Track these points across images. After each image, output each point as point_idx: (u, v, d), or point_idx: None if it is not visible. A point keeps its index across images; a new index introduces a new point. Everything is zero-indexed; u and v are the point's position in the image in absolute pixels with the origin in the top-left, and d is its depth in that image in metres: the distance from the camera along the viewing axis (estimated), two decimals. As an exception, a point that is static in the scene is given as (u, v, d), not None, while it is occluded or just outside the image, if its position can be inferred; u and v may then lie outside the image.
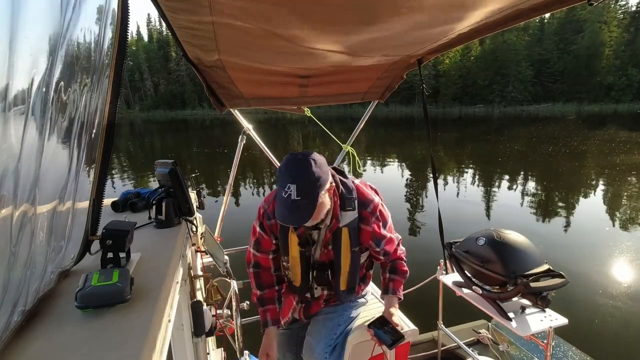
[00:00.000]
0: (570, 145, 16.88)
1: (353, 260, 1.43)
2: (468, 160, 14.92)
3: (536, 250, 1.64)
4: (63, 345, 0.64)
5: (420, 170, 12.49)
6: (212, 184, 11.26)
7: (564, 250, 5.75)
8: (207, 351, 1.80)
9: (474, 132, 25.86)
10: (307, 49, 1.28)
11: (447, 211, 7.54)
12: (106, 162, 0.89)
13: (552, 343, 1.60)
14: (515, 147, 17.39)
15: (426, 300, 2.69)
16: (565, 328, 1.58)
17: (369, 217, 1.40)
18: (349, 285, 1.48)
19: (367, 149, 17.75)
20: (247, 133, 2.54)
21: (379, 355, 1.71)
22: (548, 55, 52.77)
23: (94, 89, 0.83)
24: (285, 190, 1.14)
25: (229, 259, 2.12)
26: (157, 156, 18.20)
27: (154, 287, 0.85)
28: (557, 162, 13.03)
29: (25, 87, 0.59)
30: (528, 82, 51.73)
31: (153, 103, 68.24)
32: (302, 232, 1.41)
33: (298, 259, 1.43)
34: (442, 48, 1.54)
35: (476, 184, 10.67)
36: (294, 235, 1.40)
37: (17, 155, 0.58)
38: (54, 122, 0.69)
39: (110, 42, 0.84)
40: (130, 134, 33.35)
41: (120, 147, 23.31)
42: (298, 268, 1.45)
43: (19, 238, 0.60)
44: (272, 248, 1.50)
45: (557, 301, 1.59)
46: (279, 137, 22.50)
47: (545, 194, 9.29)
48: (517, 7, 1.05)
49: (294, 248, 1.42)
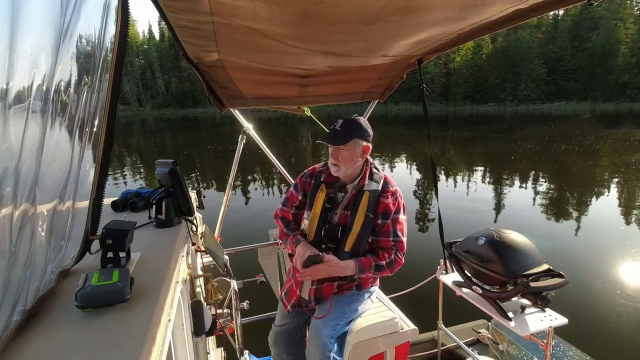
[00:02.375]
0: (583, 144, 16.61)
1: (365, 224, 1.55)
2: (479, 159, 14.77)
3: (536, 250, 1.64)
4: (63, 345, 0.64)
5: (429, 170, 12.41)
6: (223, 181, 11.19)
7: (577, 249, 5.69)
8: (207, 351, 1.80)
9: (485, 130, 25.52)
10: (307, 49, 1.28)
11: (458, 210, 7.53)
12: (106, 161, 0.89)
13: (551, 343, 1.60)
14: (527, 145, 17.11)
15: (426, 300, 2.69)
16: (565, 328, 1.58)
17: (389, 194, 1.59)
18: (354, 248, 1.57)
19: (377, 148, 17.58)
20: (247, 133, 2.54)
21: (379, 354, 1.71)
22: (562, 53, 51.32)
23: (94, 88, 0.83)
24: (335, 123, 1.53)
25: (229, 258, 2.12)
26: (170, 153, 18.31)
27: (154, 287, 0.85)
28: (571, 161, 12.84)
29: (26, 86, 0.59)
30: (541, 80, 50.53)
31: (164, 101, 68.57)
32: (331, 191, 1.62)
33: (318, 215, 1.60)
34: (442, 48, 1.54)
35: (487, 182, 10.56)
36: (323, 194, 1.62)
37: (17, 155, 0.58)
38: (54, 122, 0.69)
39: (110, 41, 0.84)
40: (142, 132, 33.49)
41: (132, 144, 23.37)
42: (315, 223, 1.61)
43: (19, 237, 0.60)
44: (296, 204, 1.73)
45: (558, 302, 1.59)
46: (288, 135, 22.35)
47: (557, 192, 9.15)
48: (517, 7, 1.05)
49: (318, 204, 1.61)
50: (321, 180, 1.65)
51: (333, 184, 1.64)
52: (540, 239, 5.75)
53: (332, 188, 1.63)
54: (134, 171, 13.15)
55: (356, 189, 1.59)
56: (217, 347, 2.21)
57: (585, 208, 7.95)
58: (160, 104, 67.99)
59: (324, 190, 1.62)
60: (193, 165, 14.29)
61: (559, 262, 5.07)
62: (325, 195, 1.61)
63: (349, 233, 1.56)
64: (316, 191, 1.64)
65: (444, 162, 13.92)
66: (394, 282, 1.57)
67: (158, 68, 68.84)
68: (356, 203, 1.57)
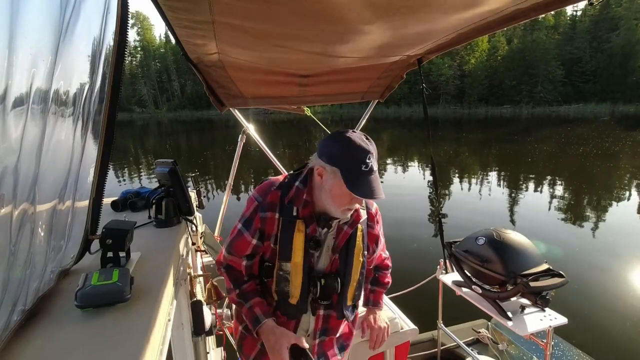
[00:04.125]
0: (602, 146, 16.27)
1: (362, 267, 1.23)
2: (494, 161, 14.63)
3: (536, 249, 1.64)
4: (63, 345, 0.64)
5: (443, 172, 12.15)
6: (236, 182, 11.18)
7: (595, 252, 5.64)
8: (207, 350, 1.80)
9: (500, 132, 25.28)
10: (307, 48, 1.28)
11: (470, 214, 7.48)
12: (106, 161, 0.89)
13: (551, 342, 1.60)
14: (544, 148, 16.85)
15: (426, 299, 2.69)
16: (565, 327, 1.58)
17: (374, 219, 1.29)
18: (355, 299, 1.27)
19: (390, 151, 17.43)
20: (247, 133, 2.55)
21: (378, 354, 1.71)
22: (580, 54, 50.36)
23: (94, 87, 0.83)
24: (366, 161, 1.02)
25: (229, 258, 2.11)
26: (185, 154, 18.62)
27: (154, 287, 0.85)
28: (590, 163, 12.67)
29: (25, 85, 0.58)
30: (558, 82, 49.69)
31: (180, 103, 70.28)
32: (312, 229, 1.15)
33: (301, 266, 1.14)
34: (442, 47, 1.54)
35: (501, 185, 10.44)
36: (301, 235, 1.13)
37: (17, 154, 0.57)
38: (54, 121, 0.69)
39: (110, 41, 0.84)
40: (157, 133, 34.33)
41: (148, 145, 23.82)
42: (299, 278, 1.14)
43: (18, 237, 0.60)
44: (247, 252, 1.20)
45: (558, 302, 1.59)
46: (301, 137, 22.27)
47: (575, 195, 9.03)
48: (517, 7, 1.05)
49: (298, 250, 1.13)
50: (294, 215, 1.14)
51: (313, 218, 1.15)
52: (550, 242, 5.72)
53: (313, 223, 1.15)
54: (149, 172, 13.26)
55: (350, 226, 1.19)
56: (217, 347, 2.21)
57: (603, 210, 7.86)
58: (176, 106, 69.93)
59: (301, 229, 1.13)
60: (212, 167, 14.54)
61: (563, 262, 5.07)
62: (304, 236, 1.14)
63: (348, 283, 1.20)
64: (291, 232, 1.14)
65: (458, 164, 13.85)
66: (393, 282, 1.56)
67: (174, 71, 70.42)
68: (350, 244, 1.19)
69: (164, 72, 71.14)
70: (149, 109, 68.09)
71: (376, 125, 32.57)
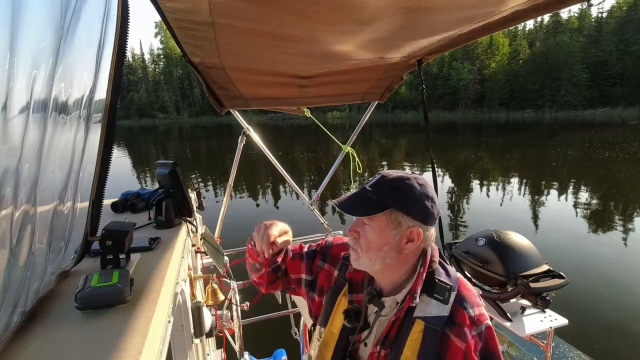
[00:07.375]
0: (628, 150, 15.98)
1: None
2: (515, 165, 14.48)
3: (536, 250, 1.64)
4: (63, 346, 0.64)
5: (462, 177, 12.11)
6: (252, 186, 11.24)
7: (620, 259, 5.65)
8: (207, 352, 1.80)
9: (522, 137, 24.86)
10: (307, 49, 1.28)
11: (493, 218, 7.50)
12: (106, 162, 0.89)
13: (552, 343, 1.60)
14: (567, 152, 16.61)
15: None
16: (565, 328, 1.58)
17: (468, 327, 0.82)
18: None
19: (409, 156, 17.29)
20: (247, 134, 2.55)
21: None
22: (606, 57, 48.56)
23: (94, 90, 0.83)
24: (370, 179, 0.89)
25: (229, 259, 2.12)
26: (211, 157, 18.92)
27: (154, 288, 0.85)
28: (618, 168, 12.51)
29: (27, 88, 0.59)
30: (582, 85, 48.04)
31: (201, 109, 72.00)
32: (358, 298, 0.93)
33: (337, 336, 0.92)
34: (442, 49, 1.54)
35: (523, 190, 10.38)
36: (345, 299, 0.94)
37: (18, 156, 0.58)
38: (54, 123, 0.69)
39: (110, 41, 0.84)
40: (179, 138, 35.66)
41: (169, 150, 24.70)
42: (330, 351, 0.92)
43: (19, 238, 0.61)
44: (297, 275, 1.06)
45: (559, 302, 1.59)
46: (319, 143, 22.27)
47: (600, 201, 8.96)
48: (517, 8, 1.05)
49: (338, 318, 0.93)
50: (346, 276, 0.96)
51: (362, 286, 0.94)
52: (579, 247, 5.76)
53: (360, 292, 0.94)
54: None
55: (400, 312, 0.84)
56: (217, 349, 2.21)
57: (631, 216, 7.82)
58: (197, 112, 72.14)
59: (346, 294, 0.94)
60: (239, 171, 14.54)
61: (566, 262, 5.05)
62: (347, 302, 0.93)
63: None
64: (337, 292, 0.97)
65: (478, 169, 13.86)
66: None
67: (195, 78, 70.60)
68: (399, 339, 0.83)
69: (185, 79, 73.15)
70: (171, 114, 70.32)
71: (394, 130, 32.83)
